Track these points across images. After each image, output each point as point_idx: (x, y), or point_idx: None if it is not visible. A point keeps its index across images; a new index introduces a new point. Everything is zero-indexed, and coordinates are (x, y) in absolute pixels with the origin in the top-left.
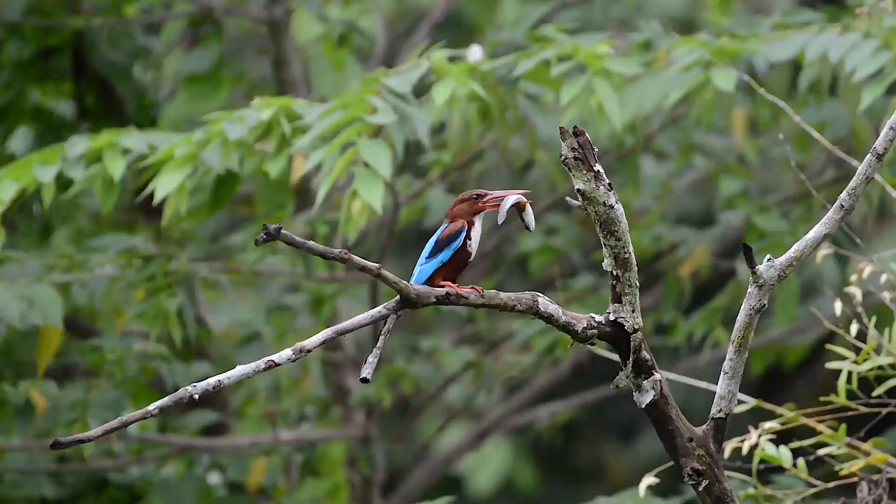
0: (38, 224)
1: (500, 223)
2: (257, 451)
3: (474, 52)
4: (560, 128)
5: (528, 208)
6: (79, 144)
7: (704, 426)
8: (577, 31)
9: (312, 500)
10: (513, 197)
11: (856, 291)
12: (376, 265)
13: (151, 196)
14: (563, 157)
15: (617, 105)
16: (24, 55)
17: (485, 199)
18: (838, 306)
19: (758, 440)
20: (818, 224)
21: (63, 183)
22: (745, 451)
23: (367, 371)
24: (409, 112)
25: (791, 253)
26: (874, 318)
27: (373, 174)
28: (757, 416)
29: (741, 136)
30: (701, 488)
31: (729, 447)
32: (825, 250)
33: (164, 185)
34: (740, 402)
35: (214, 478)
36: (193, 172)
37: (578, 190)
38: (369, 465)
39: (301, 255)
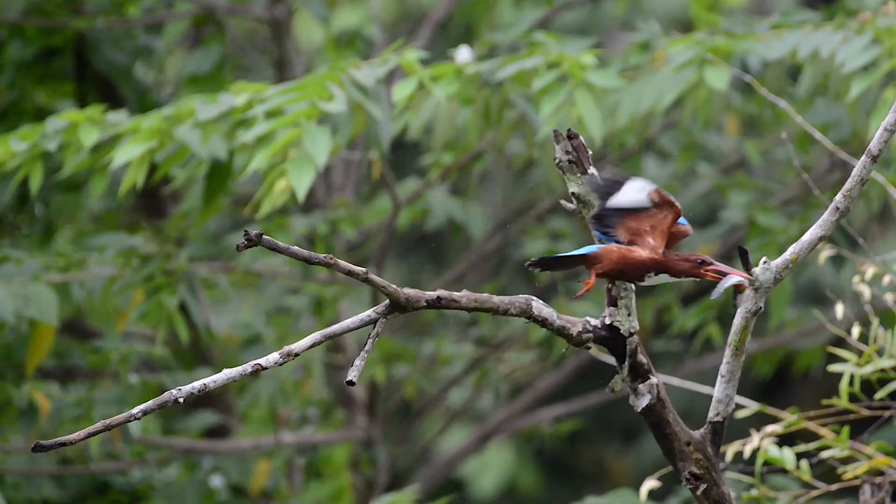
0: (40, 226)
1: (712, 298)
2: (259, 454)
3: (462, 54)
4: (553, 130)
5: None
6: (59, 120)
7: (702, 430)
8: (571, 34)
9: (315, 503)
10: (735, 278)
11: (864, 290)
12: (363, 269)
13: (153, 197)
14: (557, 161)
15: (597, 117)
16: (26, 56)
17: (707, 268)
18: (840, 309)
19: (759, 443)
20: (814, 226)
21: (51, 169)
22: (746, 454)
23: (353, 374)
24: (367, 105)
25: (787, 255)
26: (877, 321)
27: (307, 160)
28: (760, 420)
29: (735, 134)
30: (699, 492)
31: (730, 451)
32: (828, 252)
33: (124, 154)
34: (743, 406)
35: (216, 481)
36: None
37: (573, 193)
38: (372, 468)
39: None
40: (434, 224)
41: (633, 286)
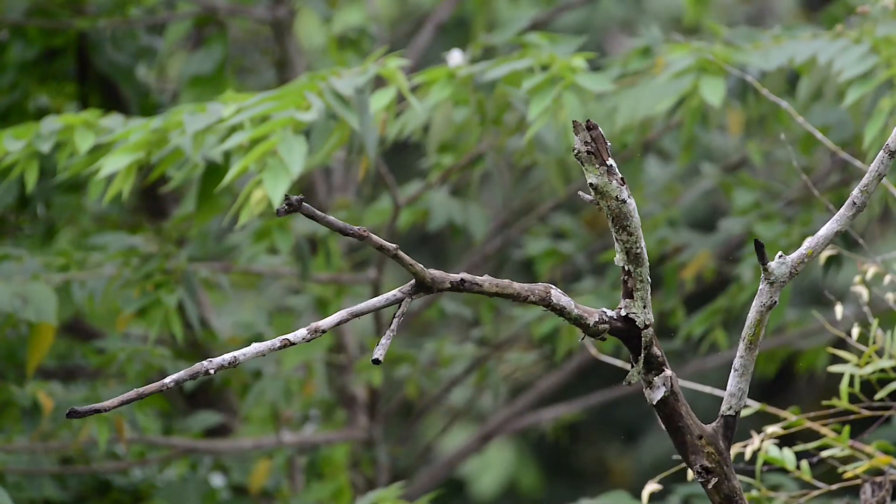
0: (41, 226)
1: None
2: (260, 454)
3: (454, 57)
4: (573, 122)
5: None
6: (54, 122)
7: (714, 423)
8: (571, 35)
9: (316, 503)
10: None
11: (862, 291)
12: (393, 245)
13: (154, 198)
14: (575, 151)
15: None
16: (28, 57)
17: None
18: (839, 310)
19: (760, 444)
20: (830, 221)
21: (50, 169)
22: (747, 455)
23: (379, 353)
24: (345, 115)
25: (802, 250)
26: (876, 321)
27: (283, 168)
28: (761, 420)
29: (737, 132)
30: (710, 486)
31: (731, 452)
32: (828, 251)
33: (110, 165)
34: (745, 405)
35: (218, 480)
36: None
37: (591, 184)
38: (373, 468)
39: (296, 256)
40: (435, 225)
41: (648, 278)
